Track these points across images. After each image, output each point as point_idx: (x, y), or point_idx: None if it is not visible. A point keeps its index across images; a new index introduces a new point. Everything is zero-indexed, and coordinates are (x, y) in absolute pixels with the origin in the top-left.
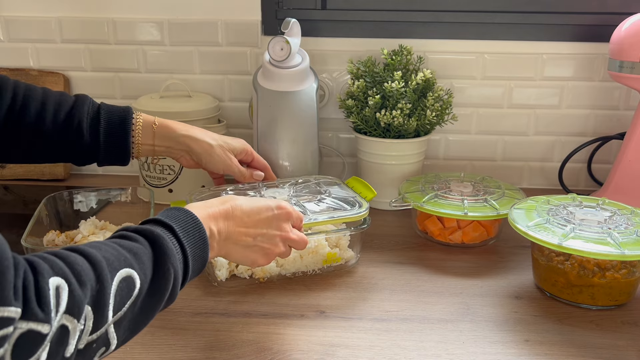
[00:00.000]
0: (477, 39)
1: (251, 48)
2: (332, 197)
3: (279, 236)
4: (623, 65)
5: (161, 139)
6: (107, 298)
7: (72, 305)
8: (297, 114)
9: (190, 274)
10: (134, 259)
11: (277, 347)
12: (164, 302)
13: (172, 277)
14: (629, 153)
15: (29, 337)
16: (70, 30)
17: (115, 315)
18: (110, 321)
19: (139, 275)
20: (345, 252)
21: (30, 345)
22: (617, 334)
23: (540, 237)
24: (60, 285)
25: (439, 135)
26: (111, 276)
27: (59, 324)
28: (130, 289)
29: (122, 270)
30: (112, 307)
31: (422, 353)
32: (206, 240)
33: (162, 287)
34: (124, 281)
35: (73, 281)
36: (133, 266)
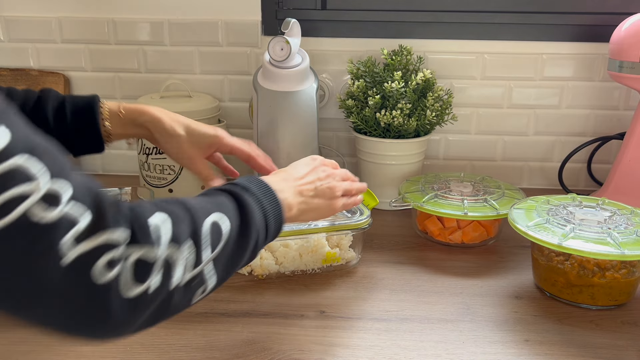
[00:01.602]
0: (477, 39)
1: (251, 48)
2: None
3: (329, 175)
4: (623, 65)
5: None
6: (203, 236)
7: (174, 237)
8: (297, 114)
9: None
10: (220, 208)
11: (277, 347)
12: (250, 250)
13: (254, 227)
14: (629, 153)
15: (142, 262)
16: (70, 30)
17: (211, 254)
18: (206, 260)
19: (227, 220)
20: (346, 253)
21: (143, 270)
22: (617, 334)
23: (540, 237)
24: (163, 219)
25: (439, 135)
26: (203, 218)
27: (164, 254)
28: (220, 232)
29: (212, 214)
30: (207, 247)
31: (422, 353)
32: (279, 200)
33: (248, 234)
34: (214, 224)
35: (173, 217)
36: (221, 212)
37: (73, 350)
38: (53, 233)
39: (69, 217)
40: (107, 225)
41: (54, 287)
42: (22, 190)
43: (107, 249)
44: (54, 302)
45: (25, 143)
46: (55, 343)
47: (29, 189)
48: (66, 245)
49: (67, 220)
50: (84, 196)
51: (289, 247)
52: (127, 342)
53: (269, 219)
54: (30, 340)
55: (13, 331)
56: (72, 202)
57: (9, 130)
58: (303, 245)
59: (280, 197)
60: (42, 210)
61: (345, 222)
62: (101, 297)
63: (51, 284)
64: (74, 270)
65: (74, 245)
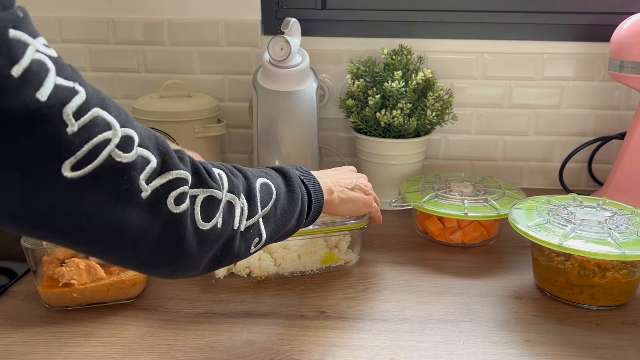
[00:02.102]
0: (477, 38)
1: (251, 48)
2: None
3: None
4: (623, 65)
5: None
6: (255, 192)
7: (232, 187)
8: (297, 114)
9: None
10: (267, 175)
11: (277, 347)
12: (297, 216)
13: (299, 195)
14: (630, 153)
15: (209, 200)
16: (70, 30)
17: (262, 210)
18: (260, 213)
19: (275, 185)
20: (345, 254)
21: (211, 207)
22: (617, 334)
23: (540, 237)
24: (220, 173)
25: (439, 135)
26: (254, 179)
27: (226, 198)
28: (270, 192)
29: (260, 178)
30: (259, 201)
31: (422, 353)
32: (320, 184)
33: (294, 198)
34: (264, 185)
35: (229, 173)
36: (269, 178)
37: (73, 350)
38: (133, 171)
39: (143, 157)
40: (174, 164)
41: (136, 220)
42: (105, 136)
43: (178, 184)
44: (138, 236)
45: (97, 97)
46: (55, 343)
47: (110, 134)
48: (144, 181)
49: (141, 160)
50: (149, 142)
51: (287, 248)
52: (127, 342)
53: (311, 193)
54: (30, 340)
55: (13, 331)
56: (141, 147)
57: (83, 87)
58: (302, 246)
59: (319, 180)
60: (122, 152)
61: (343, 223)
62: (176, 226)
63: (134, 217)
64: (153, 202)
65: (150, 181)
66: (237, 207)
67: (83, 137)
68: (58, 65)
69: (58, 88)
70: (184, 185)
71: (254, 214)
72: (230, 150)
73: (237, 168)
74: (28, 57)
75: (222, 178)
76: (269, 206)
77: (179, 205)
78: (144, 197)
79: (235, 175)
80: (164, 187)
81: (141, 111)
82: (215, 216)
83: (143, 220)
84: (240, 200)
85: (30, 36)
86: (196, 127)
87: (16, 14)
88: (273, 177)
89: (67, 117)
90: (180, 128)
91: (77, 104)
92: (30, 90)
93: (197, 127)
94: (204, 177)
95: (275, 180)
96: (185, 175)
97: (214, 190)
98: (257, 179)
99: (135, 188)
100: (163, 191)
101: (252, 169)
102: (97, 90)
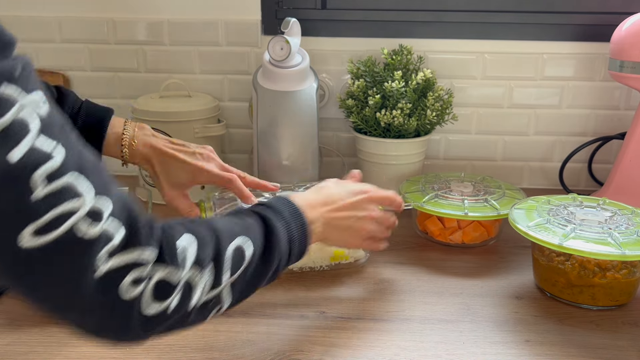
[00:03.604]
0: (477, 38)
1: (251, 48)
2: None
3: (367, 217)
4: (624, 65)
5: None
6: (225, 260)
7: (198, 260)
8: (297, 114)
9: (293, 256)
10: (246, 231)
11: (277, 347)
12: (270, 275)
13: (278, 252)
14: (630, 153)
15: (165, 282)
16: (70, 30)
17: (230, 277)
18: (226, 282)
19: (252, 244)
20: (354, 252)
21: (165, 290)
22: (617, 335)
23: (540, 237)
24: (190, 241)
25: (439, 135)
26: (228, 241)
27: (187, 274)
28: (243, 255)
29: (237, 238)
30: (228, 269)
31: (422, 353)
32: (307, 226)
33: (270, 259)
34: (237, 249)
35: (199, 240)
36: (246, 236)
37: (73, 350)
38: (93, 247)
39: (107, 233)
40: (139, 243)
41: (86, 297)
42: (70, 207)
43: (136, 267)
44: (85, 310)
45: (77, 161)
46: (55, 344)
47: (76, 205)
48: (101, 260)
49: (105, 236)
50: (121, 213)
51: None
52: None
53: (294, 245)
54: (30, 340)
55: (13, 332)
56: (111, 218)
57: (64, 148)
58: None
59: (309, 226)
60: (86, 225)
61: None
62: (124, 312)
63: (84, 294)
64: (104, 283)
65: (108, 260)
66: (199, 284)
67: (48, 204)
68: (45, 124)
69: (33, 151)
70: (144, 266)
71: (219, 284)
72: (230, 150)
73: (213, 228)
74: (10, 115)
75: (188, 252)
76: (238, 273)
77: (133, 289)
78: (97, 277)
79: (206, 243)
80: (121, 269)
81: (141, 111)
82: (169, 298)
83: (93, 297)
84: (204, 275)
85: (24, 91)
86: (196, 127)
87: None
88: (253, 233)
89: (34, 183)
90: (180, 128)
91: (49, 169)
92: (4, 150)
93: (197, 127)
94: (166, 256)
95: (254, 236)
96: (148, 257)
97: (173, 271)
98: (231, 242)
99: (91, 265)
100: (118, 273)
101: (232, 223)
102: (80, 153)
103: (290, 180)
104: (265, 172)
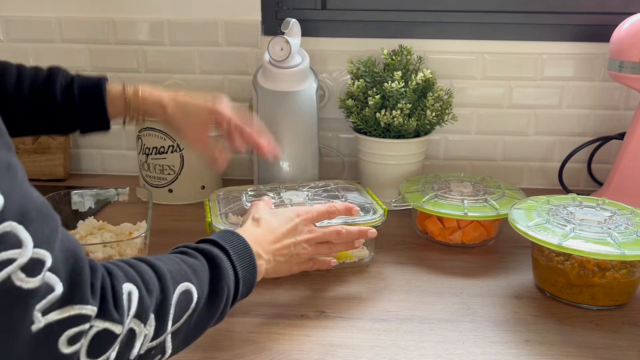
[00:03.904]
0: (477, 39)
1: (251, 48)
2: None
3: (304, 241)
4: (623, 66)
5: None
6: (169, 308)
7: (140, 310)
8: (297, 114)
9: (239, 296)
10: (193, 275)
11: (277, 347)
12: (216, 318)
13: (225, 296)
14: (629, 153)
15: (103, 335)
16: (70, 30)
17: (173, 326)
18: (169, 330)
19: (197, 290)
20: (359, 251)
21: (104, 343)
22: (617, 334)
23: (540, 237)
24: (132, 291)
25: (439, 135)
26: (173, 288)
27: (128, 327)
28: (189, 302)
29: (182, 283)
30: (172, 318)
31: (422, 353)
32: (255, 266)
33: (216, 304)
34: (183, 294)
35: (142, 288)
36: (192, 281)
37: None
38: (31, 298)
39: (47, 286)
40: (81, 298)
41: (22, 350)
42: (9, 255)
43: (76, 322)
44: None
45: (17, 209)
46: None
47: (17, 253)
48: (39, 313)
49: (45, 287)
50: (64, 266)
51: None
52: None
53: (240, 285)
54: None
55: None
56: (52, 272)
57: (3, 196)
58: None
59: (257, 264)
60: (25, 275)
61: (358, 220)
62: None
63: (20, 347)
64: (42, 337)
65: (46, 313)
66: (140, 335)
67: None
68: None
69: None
70: (85, 322)
71: (161, 333)
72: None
73: (159, 275)
74: None
75: (130, 302)
76: (183, 320)
77: (72, 343)
78: (34, 330)
79: (150, 292)
80: (61, 323)
81: None
82: (107, 352)
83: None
84: (146, 326)
85: None
86: None
87: None
88: (200, 276)
89: None
90: None
91: None
92: None
93: None
94: (107, 308)
95: (200, 281)
96: (90, 311)
97: (113, 324)
98: (177, 287)
99: (27, 318)
100: (58, 327)
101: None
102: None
103: (295, 180)
104: (265, 172)
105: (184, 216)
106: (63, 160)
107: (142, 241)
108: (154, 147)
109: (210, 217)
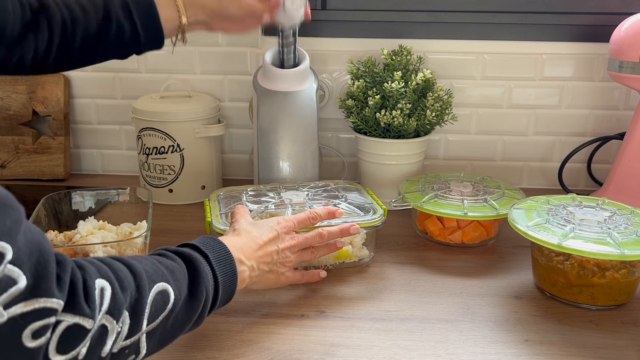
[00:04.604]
0: (477, 39)
1: (251, 48)
2: (348, 203)
3: (287, 248)
4: (623, 66)
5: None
6: (144, 307)
7: (113, 306)
8: (297, 114)
9: (219, 302)
10: (170, 276)
11: (277, 347)
12: (193, 322)
13: (203, 299)
14: (629, 153)
15: (74, 330)
16: None
17: (148, 325)
18: (144, 330)
19: (174, 291)
20: (359, 251)
21: (74, 338)
22: (617, 334)
23: (540, 237)
24: (104, 287)
25: (439, 135)
26: (149, 287)
27: (100, 323)
28: (165, 302)
29: (159, 283)
30: (147, 317)
31: (422, 353)
32: (236, 271)
33: (193, 307)
34: (159, 294)
35: (116, 285)
36: (169, 282)
37: None
38: None
39: (9, 277)
40: (47, 291)
41: None
42: None
43: (40, 316)
44: None
45: None
46: None
47: None
48: (1, 305)
49: (6, 280)
50: (28, 259)
51: None
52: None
53: (220, 291)
54: None
55: None
56: (14, 264)
57: None
58: None
59: (238, 270)
60: None
61: (358, 220)
62: None
63: None
64: (5, 331)
65: (9, 307)
66: (113, 332)
67: None
68: None
69: None
70: (51, 316)
71: (135, 332)
72: (230, 151)
73: (135, 273)
74: None
75: (103, 298)
76: (158, 320)
77: (38, 337)
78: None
79: (124, 289)
80: (25, 316)
81: (141, 111)
82: (77, 347)
83: None
84: (119, 323)
85: None
86: (196, 127)
87: None
88: (177, 277)
89: None
90: (181, 128)
91: None
92: None
93: (197, 127)
94: (77, 302)
95: (178, 282)
96: (55, 305)
97: (84, 319)
98: (154, 286)
99: None
100: (22, 321)
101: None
102: None
103: (295, 180)
104: (265, 172)
105: (184, 216)
106: (63, 160)
107: (143, 241)
108: (154, 147)
109: (210, 217)
